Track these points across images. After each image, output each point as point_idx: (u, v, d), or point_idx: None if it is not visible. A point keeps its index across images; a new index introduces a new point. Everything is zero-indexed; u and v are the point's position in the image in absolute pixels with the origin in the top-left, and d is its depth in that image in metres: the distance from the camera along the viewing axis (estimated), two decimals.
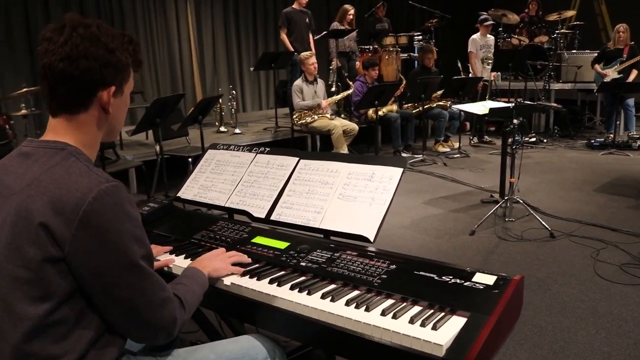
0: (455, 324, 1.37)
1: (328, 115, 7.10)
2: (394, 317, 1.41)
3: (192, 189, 2.55)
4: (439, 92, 7.87)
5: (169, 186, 5.13)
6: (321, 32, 8.08)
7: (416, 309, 1.46)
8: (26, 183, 1.29)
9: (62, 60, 1.30)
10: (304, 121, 7.09)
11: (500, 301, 1.42)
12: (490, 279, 1.53)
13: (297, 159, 2.31)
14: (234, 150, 2.60)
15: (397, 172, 2.02)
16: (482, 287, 1.50)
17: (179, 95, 4.93)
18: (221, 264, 1.73)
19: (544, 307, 3.27)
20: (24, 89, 6.10)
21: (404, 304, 1.49)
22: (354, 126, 7.09)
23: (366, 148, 8.11)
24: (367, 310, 1.46)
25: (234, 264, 1.78)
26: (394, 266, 1.68)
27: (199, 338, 2.47)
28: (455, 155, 7.65)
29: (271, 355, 1.62)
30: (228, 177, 2.47)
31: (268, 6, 10.79)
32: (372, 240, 1.87)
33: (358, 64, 8.52)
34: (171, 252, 1.98)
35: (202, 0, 9.80)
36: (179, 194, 2.55)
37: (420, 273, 1.61)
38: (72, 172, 1.29)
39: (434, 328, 1.35)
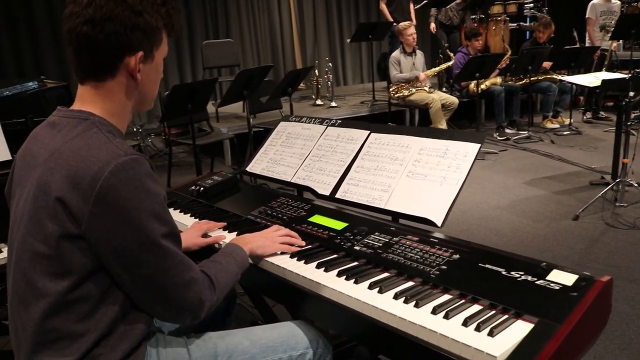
0: (518, 331, 1.15)
1: (426, 89, 6.76)
2: (446, 316, 1.21)
3: (261, 163, 2.45)
4: (549, 64, 7.25)
5: None
6: (422, 1, 7.69)
7: (474, 308, 1.25)
8: (48, 154, 1.23)
9: (86, 24, 1.21)
10: (401, 94, 6.82)
11: (578, 307, 1.17)
12: (569, 279, 1.28)
13: (368, 132, 2.14)
14: (305, 122, 2.47)
15: (473, 148, 1.78)
16: (557, 288, 1.26)
17: (266, 67, 4.83)
18: (267, 242, 1.61)
19: None
20: None
21: (461, 301, 1.28)
22: (453, 100, 6.71)
23: (468, 124, 7.69)
24: (416, 306, 1.27)
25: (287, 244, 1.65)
26: (457, 256, 1.47)
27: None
28: (565, 132, 7.03)
29: (313, 346, 1.48)
30: (297, 150, 2.34)
31: None
32: (439, 224, 1.67)
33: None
34: (225, 228, 1.89)
35: None
36: (247, 168, 2.46)
37: (486, 266, 1.39)
38: (91, 143, 1.20)
39: (490, 334, 1.13)
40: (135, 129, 6.76)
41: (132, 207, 1.16)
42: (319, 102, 7.77)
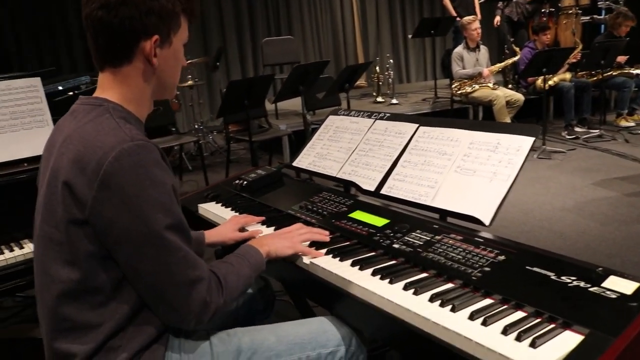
0: (565, 343, 1.02)
1: (490, 85, 6.52)
2: (484, 323, 1.10)
3: (308, 157, 2.39)
4: (624, 58, 6.82)
5: None
6: None
7: (516, 315, 1.13)
8: (62, 141, 1.22)
9: (101, 8, 1.20)
10: (463, 91, 6.61)
11: (638, 319, 1.04)
12: (628, 287, 1.14)
13: (417, 125, 2.03)
14: (353, 116, 2.39)
15: (526, 142, 1.65)
16: (614, 297, 1.12)
17: (322, 62, 4.77)
18: (286, 243, 1.51)
19: None
20: (188, 61, 6.41)
21: (503, 307, 1.16)
22: (518, 97, 6.43)
23: (534, 122, 7.36)
24: (452, 310, 1.16)
25: (311, 244, 1.56)
26: (502, 257, 1.34)
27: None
28: None
29: (345, 343, 1.39)
30: (344, 144, 2.27)
31: None
32: (487, 223, 1.55)
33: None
34: (263, 223, 1.83)
35: None
36: (294, 162, 2.40)
37: (534, 269, 1.26)
38: (100, 129, 1.18)
39: (532, 345, 1.01)
40: (196, 126, 6.86)
41: (133, 195, 1.12)
42: (379, 99, 7.65)
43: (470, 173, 1.71)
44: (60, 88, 2.64)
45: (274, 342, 1.35)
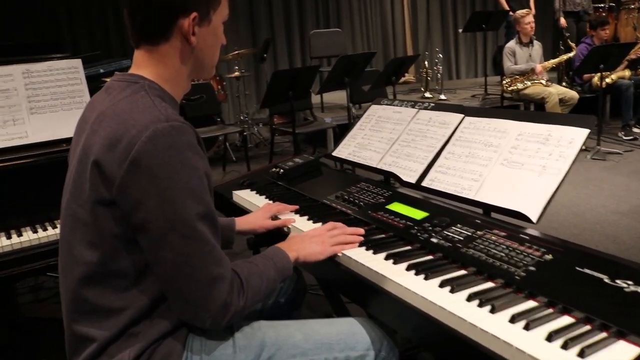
0: (619, 354, 0.92)
1: (543, 82, 6.27)
2: (526, 327, 1.00)
3: (348, 147, 2.31)
4: None
5: None
6: None
7: (563, 320, 1.02)
8: (95, 117, 1.18)
9: None
10: (514, 87, 6.38)
11: None
12: None
13: (462, 115, 1.93)
14: (397, 105, 2.30)
15: (580, 134, 1.53)
16: None
17: (368, 54, 4.66)
18: (318, 247, 1.41)
19: None
20: (235, 52, 6.41)
21: (548, 310, 1.06)
22: (572, 94, 6.16)
23: None
24: (492, 311, 1.07)
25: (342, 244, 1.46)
26: (549, 256, 1.24)
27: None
28: None
29: (375, 348, 1.30)
30: (386, 134, 2.18)
31: None
32: (534, 220, 1.44)
33: None
34: (296, 212, 1.76)
35: None
36: (334, 152, 2.33)
37: (585, 270, 1.15)
38: (134, 106, 1.13)
39: (581, 355, 0.91)
40: (242, 117, 6.86)
41: (164, 177, 1.06)
42: (427, 94, 7.50)
43: (518, 166, 1.60)
44: (101, 71, 2.64)
45: (300, 339, 1.28)
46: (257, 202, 1.93)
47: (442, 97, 7.27)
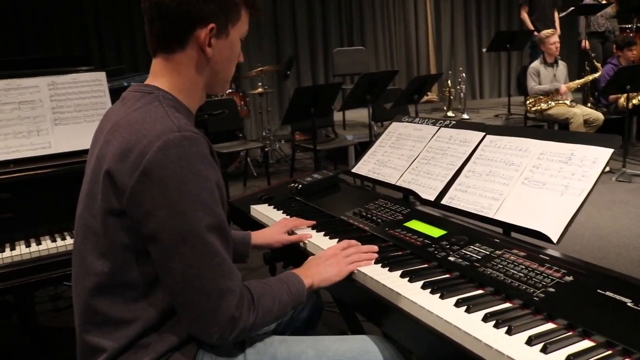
0: None
1: (567, 102, 6.20)
2: (544, 350, 0.97)
3: (368, 164, 2.31)
4: None
5: None
6: (568, 7, 7.08)
7: (583, 344, 0.99)
8: (109, 127, 1.18)
9: None
10: (538, 107, 6.32)
11: None
12: None
13: (483, 134, 1.91)
14: (417, 123, 2.28)
15: (603, 154, 1.49)
16: None
17: (390, 72, 4.66)
18: (333, 270, 1.38)
19: None
20: (259, 69, 6.47)
21: (567, 333, 1.03)
22: (597, 115, 6.08)
23: None
24: (508, 332, 1.04)
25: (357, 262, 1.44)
26: (569, 277, 1.20)
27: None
28: None
29: None
30: (406, 152, 2.17)
31: None
32: (554, 241, 1.40)
33: None
34: (313, 227, 1.75)
35: None
36: (354, 169, 2.32)
37: (607, 293, 1.12)
38: (147, 116, 1.13)
39: None
40: (264, 134, 6.90)
41: (174, 188, 1.06)
42: (450, 113, 7.45)
43: (539, 185, 1.57)
44: (125, 84, 2.68)
45: (312, 356, 1.26)
46: (275, 216, 1.92)
47: (465, 116, 7.23)
